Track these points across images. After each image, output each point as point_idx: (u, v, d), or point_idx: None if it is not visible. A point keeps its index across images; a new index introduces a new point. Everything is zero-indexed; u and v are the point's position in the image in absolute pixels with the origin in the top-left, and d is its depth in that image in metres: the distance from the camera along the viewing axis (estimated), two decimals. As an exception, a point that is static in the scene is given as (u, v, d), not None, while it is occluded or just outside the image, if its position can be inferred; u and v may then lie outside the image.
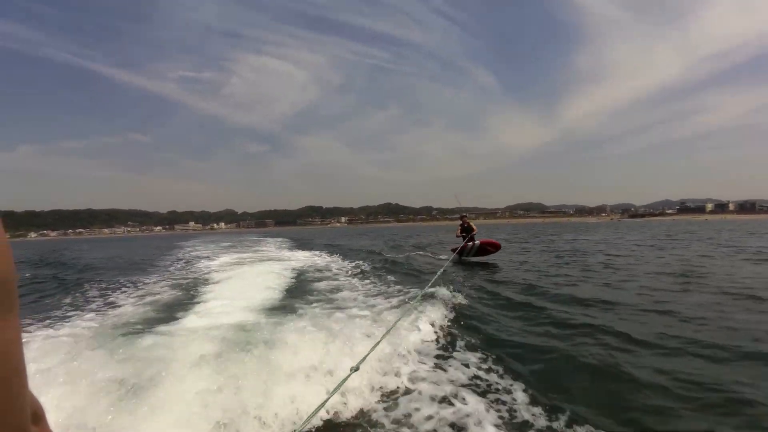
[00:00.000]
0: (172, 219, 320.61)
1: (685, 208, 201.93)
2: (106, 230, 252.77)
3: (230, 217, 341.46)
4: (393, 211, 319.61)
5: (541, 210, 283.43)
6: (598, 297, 7.52)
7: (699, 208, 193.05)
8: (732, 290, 7.86)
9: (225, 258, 18.36)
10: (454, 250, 15.03)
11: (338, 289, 8.93)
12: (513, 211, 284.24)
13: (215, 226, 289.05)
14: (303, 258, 17.52)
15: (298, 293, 8.47)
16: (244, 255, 19.75)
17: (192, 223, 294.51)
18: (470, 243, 14.68)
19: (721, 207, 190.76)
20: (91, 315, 7.12)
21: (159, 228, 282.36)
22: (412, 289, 8.19)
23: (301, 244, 26.84)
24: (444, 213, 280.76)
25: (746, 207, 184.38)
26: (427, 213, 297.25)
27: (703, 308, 6.57)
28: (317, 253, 20.04)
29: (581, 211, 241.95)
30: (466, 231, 15.11)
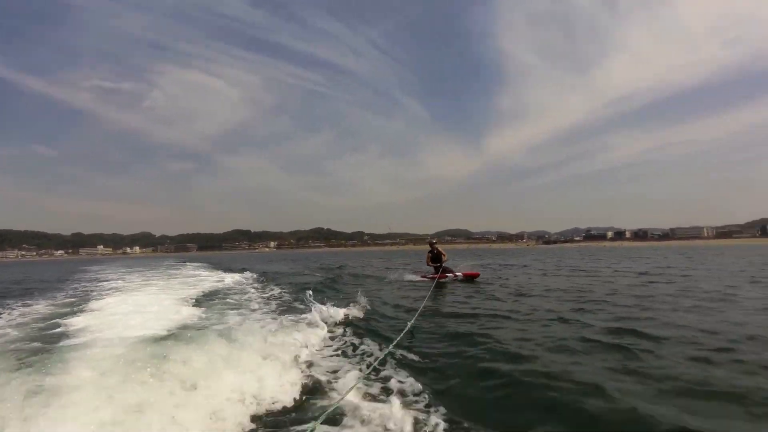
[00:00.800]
0: (76, 242, 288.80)
1: (590, 235, 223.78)
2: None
3: (146, 240, 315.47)
4: (324, 236, 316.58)
5: (466, 236, 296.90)
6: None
7: (601, 236, 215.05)
8: (495, 293, 10.73)
9: (131, 277, 17.86)
10: (425, 277, 14.16)
11: (249, 312, 8.43)
12: (441, 236, 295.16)
13: (128, 250, 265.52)
14: (219, 280, 17.32)
15: (210, 316, 7.78)
16: (154, 275, 19.52)
17: (101, 247, 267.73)
18: (449, 274, 13.71)
19: (619, 235, 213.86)
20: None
21: (60, 252, 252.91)
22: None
23: (219, 267, 26.76)
24: (375, 239, 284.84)
25: (640, 235, 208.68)
26: (359, 238, 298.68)
27: (441, 302, 9.50)
28: (235, 275, 20.11)
29: (503, 237, 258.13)
30: (436, 258, 14.26)
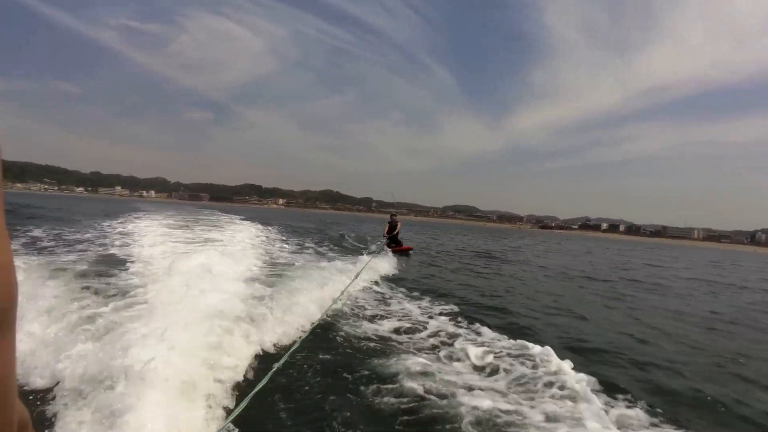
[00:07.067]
0: (95, 181, 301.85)
1: (586, 225, 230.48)
2: (19, 185, 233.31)
3: (161, 185, 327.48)
4: (333, 199, 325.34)
5: (470, 213, 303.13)
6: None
7: (596, 227, 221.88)
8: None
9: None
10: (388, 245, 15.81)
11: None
12: (446, 211, 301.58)
13: (144, 194, 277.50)
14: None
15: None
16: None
17: (119, 188, 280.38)
18: (387, 249, 15.51)
19: (614, 228, 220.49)
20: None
21: (81, 189, 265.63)
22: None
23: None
24: (382, 206, 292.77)
25: (632, 230, 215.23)
26: (367, 204, 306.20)
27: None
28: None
29: (502, 217, 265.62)
30: (392, 229, 16.23)
